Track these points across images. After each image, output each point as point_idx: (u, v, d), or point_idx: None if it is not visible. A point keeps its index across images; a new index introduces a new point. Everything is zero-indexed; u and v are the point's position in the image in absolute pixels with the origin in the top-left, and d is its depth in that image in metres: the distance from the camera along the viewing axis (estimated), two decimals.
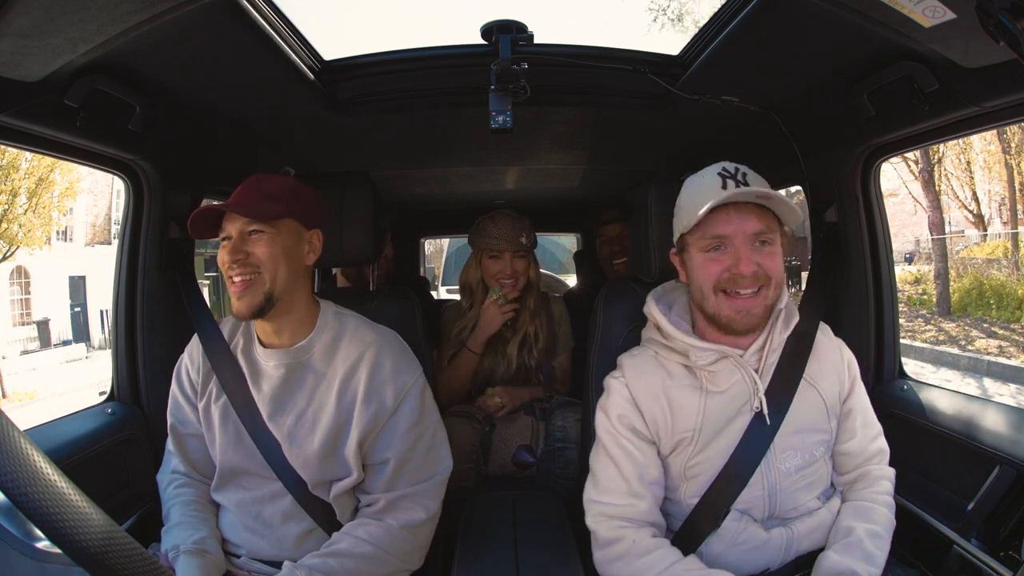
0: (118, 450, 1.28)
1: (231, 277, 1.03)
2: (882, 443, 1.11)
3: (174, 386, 1.16)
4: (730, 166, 1.03)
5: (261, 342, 1.12)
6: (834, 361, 1.10)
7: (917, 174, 9.68)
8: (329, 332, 1.11)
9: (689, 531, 1.03)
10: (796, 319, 1.08)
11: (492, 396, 1.75)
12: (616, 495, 1.03)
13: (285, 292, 1.05)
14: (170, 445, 1.16)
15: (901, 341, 1.47)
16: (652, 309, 1.12)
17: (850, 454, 1.08)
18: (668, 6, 9.25)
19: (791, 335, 1.07)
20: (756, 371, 1.03)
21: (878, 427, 1.12)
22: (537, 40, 1.15)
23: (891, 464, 1.12)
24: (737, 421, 1.02)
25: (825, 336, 1.13)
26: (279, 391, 1.08)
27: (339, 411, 1.06)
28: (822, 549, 1.01)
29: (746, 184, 1.01)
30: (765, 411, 1.01)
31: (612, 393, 1.09)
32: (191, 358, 1.16)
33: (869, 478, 1.07)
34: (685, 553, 1.00)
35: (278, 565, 1.01)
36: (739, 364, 1.03)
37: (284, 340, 1.10)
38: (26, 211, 9.84)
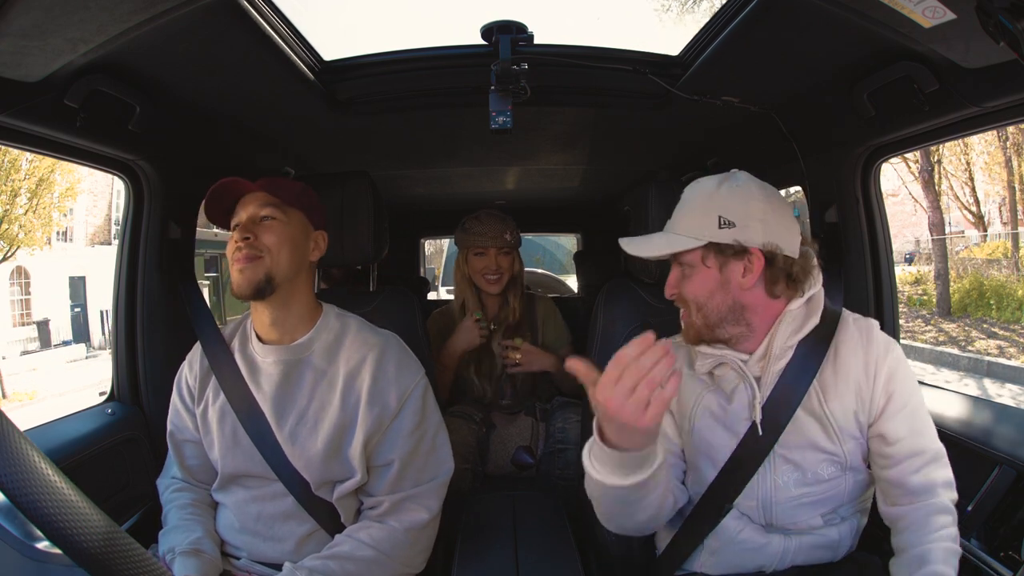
0: (118, 450, 1.28)
1: (236, 256, 1.03)
2: (939, 474, 0.95)
3: (174, 395, 1.17)
4: None
5: (259, 338, 1.11)
6: (857, 378, 0.98)
7: (917, 174, 9.67)
8: (330, 332, 1.11)
9: (692, 525, 1.04)
10: (813, 324, 0.99)
11: (515, 351, 1.73)
12: None
13: (286, 280, 1.06)
14: (170, 451, 1.17)
15: (901, 342, 1.47)
16: None
17: (892, 483, 0.96)
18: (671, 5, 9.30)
19: (804, 340, 0.99)
20: (757, 379, 0.99)
21: (932, 452, 0.96)
22: (537, 40, 1.16)
23: None
24: (739, 425, 1.00)
25: (861, 345, 1.00)
26: (279, 390, 1.07)
27: (343, 412, 1.06)
28: (824, 565, 1.01)
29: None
30: (758, 421, 0.97)
31: None
32: (190, 365, 1.16)
33: (917, 517, 0.93)
34: (689, 547, 1.03)
35: (279, 567, 1.00)
36: (739, 371, 1.00)
37: (282, 336, 1.10)
38: (26, 212, 9.84)
